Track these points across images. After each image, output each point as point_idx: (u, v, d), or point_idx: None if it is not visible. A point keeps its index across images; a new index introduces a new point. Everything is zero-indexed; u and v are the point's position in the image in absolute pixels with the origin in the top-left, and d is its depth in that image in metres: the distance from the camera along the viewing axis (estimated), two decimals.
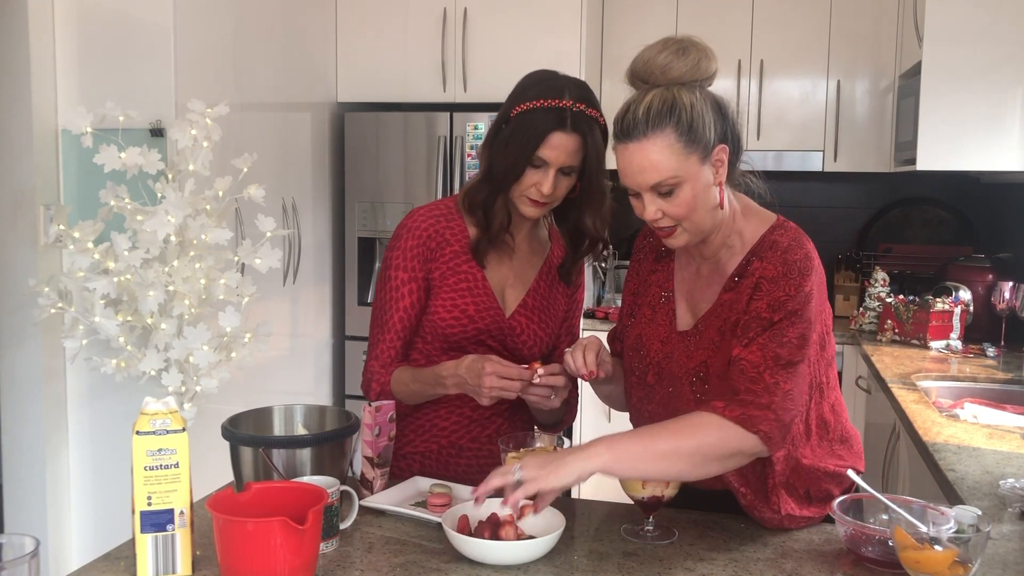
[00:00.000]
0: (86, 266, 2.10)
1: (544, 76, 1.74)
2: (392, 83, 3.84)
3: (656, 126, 1.44)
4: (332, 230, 3.85)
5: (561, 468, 1.38)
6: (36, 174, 2.61)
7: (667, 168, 1.45)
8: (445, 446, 1.83)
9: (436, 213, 1.80)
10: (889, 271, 3.75)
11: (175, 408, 1.35)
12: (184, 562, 1.34)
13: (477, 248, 1.78)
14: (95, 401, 2.75)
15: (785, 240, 1.52)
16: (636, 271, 1.74)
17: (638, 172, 1.47)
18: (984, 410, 2.51)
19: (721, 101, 1.51)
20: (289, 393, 3.41)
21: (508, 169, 1.69)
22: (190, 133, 2.15)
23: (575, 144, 1.68)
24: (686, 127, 1.44)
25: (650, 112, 1.45)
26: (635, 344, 1.66)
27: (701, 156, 1.46)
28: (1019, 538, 1.53)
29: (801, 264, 1.49)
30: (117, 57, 2.68)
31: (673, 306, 1.64)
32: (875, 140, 3.85)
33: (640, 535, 1.51)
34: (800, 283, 1.48)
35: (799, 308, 1.47)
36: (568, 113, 1.66)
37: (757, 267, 1.52)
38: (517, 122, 1.68)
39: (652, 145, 1.45)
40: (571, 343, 1.91)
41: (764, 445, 1.43)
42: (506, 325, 1.79)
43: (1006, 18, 3.04)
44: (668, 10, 3.95)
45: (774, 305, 1.47)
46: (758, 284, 1.50)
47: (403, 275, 1.77)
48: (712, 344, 1.54)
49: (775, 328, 1.46)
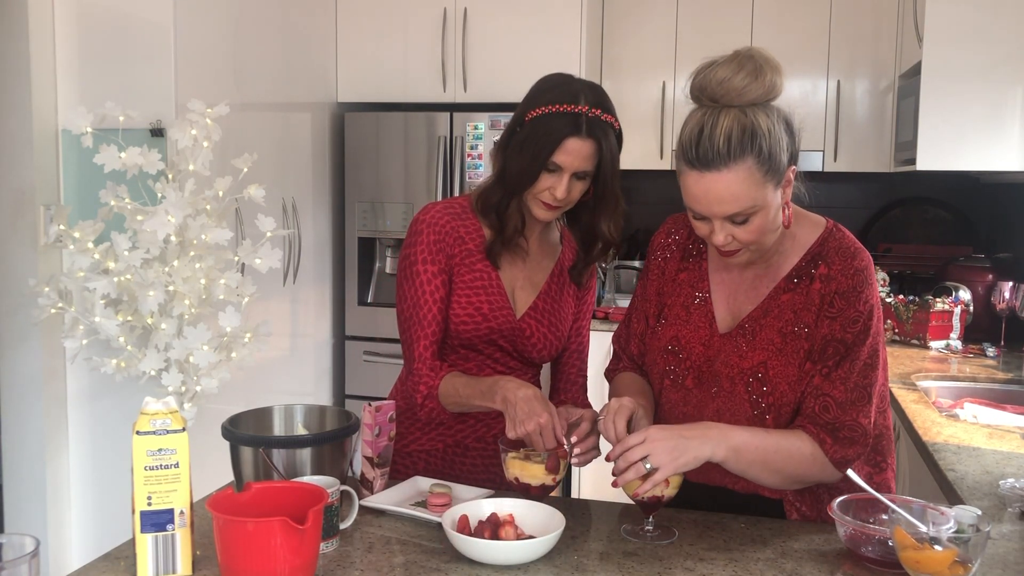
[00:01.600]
0: (86, 266, 2.09)
1: (560, 80, 1.72)
2: (392, 83, 3.84)
3: (737, 157, 1.41)
4: (332, 230, 3.85)
5: (687, 453, 1.42)
6: (36, 174, 2.61)
7: (746, 199, 1.43)
8: (450, 445, 1.83)
9: (452, 211, 1.79)
10: (889, 271, 3.75)
11: (175, 408, 1.35)
12: (184, 562, 1.34)
13: (491, 250, 1.77)
14: (95, 401, 2.75)
15: (845, 244, 1.55)
16: (660, 270, 1.71)
17: (716, 203, 1.44)
18: (984, 410, 2.51)
19: (790, 119, 1.49)
20: (289, 393, 3.41)
21: (522, 173, 1.68)
22: (190, 133, 2.15)
23: (590, 149, 1.66)
24: (767, 156, 1.42)
25: (731, 142, 1.40)
26: (670, 347, 1.64)
27: (776, 182, 1.45)
28: (1019, 538, 1.53)
29: (867, 272, 1.53)
30: (117, 57, 2.68)
31: (711, 307, 1.62)
32: (875, 140, 3.85)
33: (640, 535, 1.51)
34: (868, 296, 1.52)
35: (869, 323, 1.52)
36: (583, 119, 1.65)
37: (824, 272, 1.53)
38: (532, 126, 1.67)
39: (733, 176, 1.41)
40: (579, 346, 1.91)
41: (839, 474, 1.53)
42: (516, 327, 1.78)
43: (1006, 18, 3.04)
44: (668, 10, 3.95)
45: (847, 325, 1.51)
46: (830, 299, 1.52)
47: (432, 268, 1.74)
48: (772, 346, 1.54)
49: (851, 352, 1.51)
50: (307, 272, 3.57)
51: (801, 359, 1.53)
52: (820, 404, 1.51)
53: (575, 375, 1.92)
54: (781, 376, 1.53)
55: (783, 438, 1.51)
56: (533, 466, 1.55)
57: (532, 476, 1.55)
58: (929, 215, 4.13)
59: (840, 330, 1.51)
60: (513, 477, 1.57)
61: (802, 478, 1.54)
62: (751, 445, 1.48)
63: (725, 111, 1.43)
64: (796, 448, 1.50)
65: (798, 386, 1.53)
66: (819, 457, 1.50)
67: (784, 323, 1.54)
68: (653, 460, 1.41)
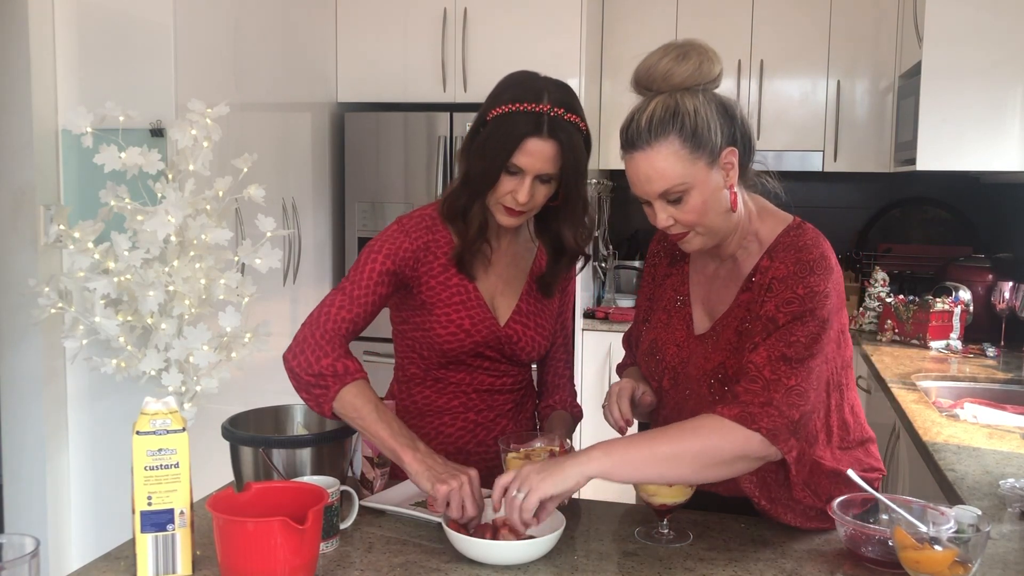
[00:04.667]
0: (86, 266, 2.10)
1: (523, 78, 1.66)
2: (392, 83, 3.84)
3: (659, 134, 1.43)
4: (332, 230, 3.85)
5: (558, 474, 1.38)
6: (36, 174, 2.61)
7: (673, 175, 1.44)
8: (452, 452, 1.77)
9: (424, 224, 1.71)
10: (889, 271, 3.75)
11: (175, 408, 1.35)
12: (184, 562, 1.34)
13: (460, 259, 1.69)
14: (95, 401, 2.75)
15: (801, 240, 1.51)
16: (651, 275, 1.73)
17: (645, 181, 1.46)
18: (984, 410, 2.51)
19: (728, 103, 1.49)
20: (289, 393, 3.40)
21: (482, 174, 1.61)
22: (190, 133, 2.15)
23: (552, 151, 1.58)
24: (690, 133, 1.43)
25: (652, 120, 1.44)
26: (650, 349, 1.65)
27: (708, 161, 1.45)
28: (1019, 538, 1.53)
29: (815, 263, 1.46)
30: (117, 57, 2.68)
31: (689, 310, 1.63)
32: (875, 140, 3.85)
33: (655, 538, 1.50)
34: (812, 283, 1.45)
35: (812, 308, 1.44)
36: (545, 118, 1.57)
37: (767, 265, 1.51)
38: (493, 126, 1.60)
39: (656, 154, 1.44)
40: (565, 339, 1.90)
41: (770, 444, 1.40)
42: (502, 335, 1.74)
43: (1006, 18, 3.04)
44: (668, 10, 3.95)
45: (781, 305, 1.46)
46: (770, 285, 1.49)
47: (389, 265, 1.65)
48: (730, 345, 1.53)
49: (782, 329, 1.44)
50: (307, 272, 3.57)
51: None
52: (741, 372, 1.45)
53: (563, 368, 1.90)
54: (737, 375, 1.50)
55: (677, 424, 1.45)
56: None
57: None
58: (929, 215, 4.13)
59: (773, 309, 1.46)
60: None
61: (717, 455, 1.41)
62: (634, 448, 1.41)
63: (656, 97, 1.46)
64: (690, 425, 1.43)
65: None
66: (715, 422, 1.41)
67: (739, 321, 1.53)
68: (521, 483, 1.37)
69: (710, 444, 1.41)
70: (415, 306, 1.72)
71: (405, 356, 1.79)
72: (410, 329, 1.75)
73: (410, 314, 1.74)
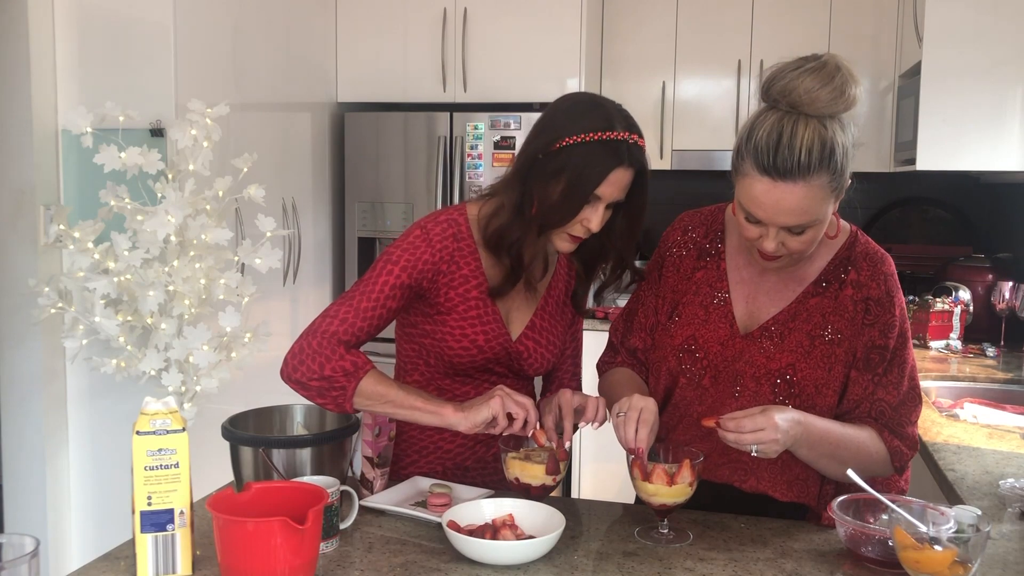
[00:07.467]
0: (86, 266, 2.10)
1: (591, 103, 1.59)
2: (392, 83, 3.84)
3: (815, 171, 1.39)
4: (332, 230, 3.85)
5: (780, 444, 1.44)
6: (36, 174, 2.61)
7: (813, 213, 1.43)
8: (450, 468, 1.76)
9: (449, 232, 1.63)
10: None
11: (175, 408, 1.35)
12: (184, 562, 1.34)
13: (500, 291, 1.63)
14: (95, 401, 2.75)
15: (869, 247, 1.60)
16: (675, 268, 1.70)
17: (783, 213, 1.42)
18: (984, 410, 2.51)
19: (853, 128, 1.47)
20: (289, 393, 3.40)
21: (559, 206, 1.54)
22: (190, 133, 2.15)
23: (629, 178, 1.56)
24: (839, 172, 1.42)
25: (811, 155, 1.38)
26: (687, 346, 1.63)
27: (837, 196, 1.46)
28: (1019, 538, 1.53)
29: (896, 279, 1.58)
30: (117, 57, 2.68)
31: (730, 308, 1.62)
32: (875, 140, 3.85)
33: (655, 537, 1.50)
34: (900, 300, 1.58)
35: (905, 328, 1.57)
36: (624, 146, 1.53)
37: (854, 278, 1.57)
38: (568, 156, 1.53)
39: (807, 190, 1.40)
40: (575, 351, 1.86)
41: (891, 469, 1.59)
42: (513, 350, 1.70)
43: (1006, 18, 3.04)
44: (668, 10, 3.95)
45: (886, 331, 1.56)
46: (865, 307, 1.56)
47: (404, 278, 1.59)
48: (801, 348, 1.56)
49: (896, 358, 1.56)
50: (307, 272, 3.57)
51: (830, 363, 1.56)
52: (876, 409, 1.57)
53: (568, 380, 1.85)
54: (809, 379, 1.55)
55: (860, 433, 1.55)
56: (533, 466, 1.55)
57: (532, 476, 1.55)
58: (929, 215, 4.13)
59: (880, 336, 1.56)
60: (513, 477, 1.57)
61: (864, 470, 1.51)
62: (825, 437, 1.51)
63: (804, 120, 1.40)
64: (861, 439, 1.54)
65: (825, 390, 1.56)
66: (880, 450, 1.55)
67: (813, 326, 1.56)
68: (762, 449, 1.44)
69: (864, 459, 1.53)
70: (428, 313, 1.67)
71: (409, 362, 1.74)
72: (419, 335, 1.70)
73: (421, 319, 1.68)
